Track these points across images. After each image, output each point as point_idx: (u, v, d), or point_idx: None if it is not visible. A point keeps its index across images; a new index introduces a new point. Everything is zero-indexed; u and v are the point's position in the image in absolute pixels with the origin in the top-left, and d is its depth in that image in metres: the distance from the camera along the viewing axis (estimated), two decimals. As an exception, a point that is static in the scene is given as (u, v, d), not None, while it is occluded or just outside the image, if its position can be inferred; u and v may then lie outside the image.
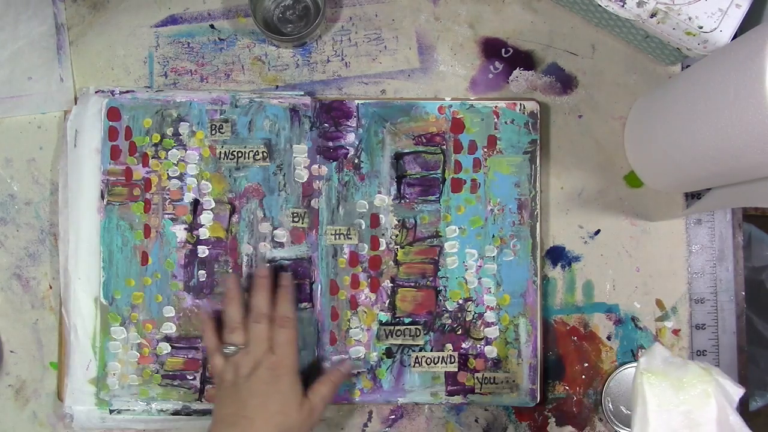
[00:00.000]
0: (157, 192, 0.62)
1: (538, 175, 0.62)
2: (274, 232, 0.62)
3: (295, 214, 0.62)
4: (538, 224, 0.62)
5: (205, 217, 0.62)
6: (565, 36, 0.65)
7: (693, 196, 0.64)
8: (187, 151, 0.62)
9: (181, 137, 0.62)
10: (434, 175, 0.62)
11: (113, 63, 0.65)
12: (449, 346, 0.61)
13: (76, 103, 0.63)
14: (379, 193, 0.62)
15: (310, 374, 0.60)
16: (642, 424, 0.44)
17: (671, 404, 0.44)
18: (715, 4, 0.54)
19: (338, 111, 0.63)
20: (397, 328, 0.62)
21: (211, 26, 0.65)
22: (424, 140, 0.63)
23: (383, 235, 0.62)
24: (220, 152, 0.62)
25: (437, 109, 0.63)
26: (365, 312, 0.62)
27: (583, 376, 0.63)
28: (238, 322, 0.57)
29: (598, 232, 0.64)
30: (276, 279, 0.60)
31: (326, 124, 0.63)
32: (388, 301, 0.62)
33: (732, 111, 0.44)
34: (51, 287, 0.63)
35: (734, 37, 0.55)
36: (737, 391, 0.44)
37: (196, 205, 0.62)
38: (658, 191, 0.63)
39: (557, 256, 0.63)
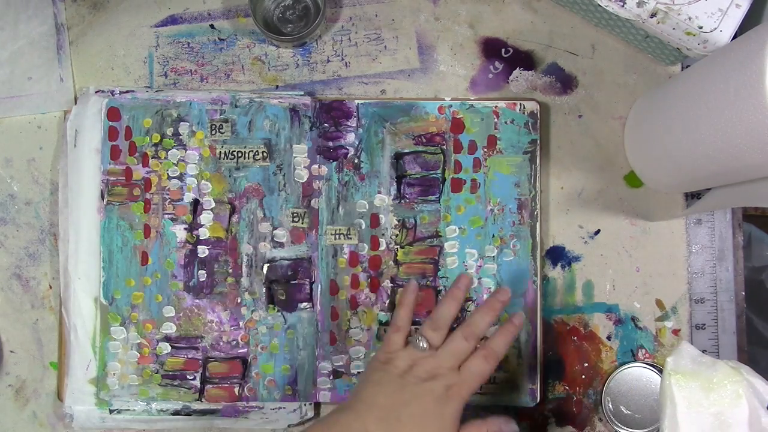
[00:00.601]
0: (157, 192, 0.62)
1: (538, 175, 0.62)
2: (274, 232, 0.62)
3: (295, 214, 0.62)
4: (538, 224, 0.62)
5: (205, 217, 0.62)
6: (565, 36, 0.65)
7: (693, 196, 0.64)
8: (187, 151, 0.62)
9: (181, 137, 0.62)
10: (434, 175, 0.63)
11: (113, 63, 0.65)
12: (449, 346, 0.61)
13: (76, 103, 0.63)
14: (379, 193, 0.62)
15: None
16: (671, 426, 0.43)
17: (701, 406, 0.43)
18: (715, 4, 0.54)
19: (338, 111, 0.63)
20: (397, 328, 0.62)
21: (211, 26, 0.65)
22: (424, 140, 0.63)
23: (383, 235, 0.62)
24: (220, 152, 0.62)
25: (437, 109, 0.63)
26: (365, 312, 0.62)
27: (583, 376, 0.63)
28: (445, 326, 0.53)
29: (598, 232, 0.64)
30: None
31: (326, 124, 0.63)
32: (388, 301, 0.62)
33: (732, 111, 0.44)
34: (51, 287, 0.63)
35: (734, 37, 0.55)
36: (766, 391, 0.43)
37: (196, 205, 0.62)
38: (658, 191, 0.63)
39: (557, 256, 0.63)
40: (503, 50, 0.65)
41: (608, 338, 0.63)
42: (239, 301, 0.62)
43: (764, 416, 0.42)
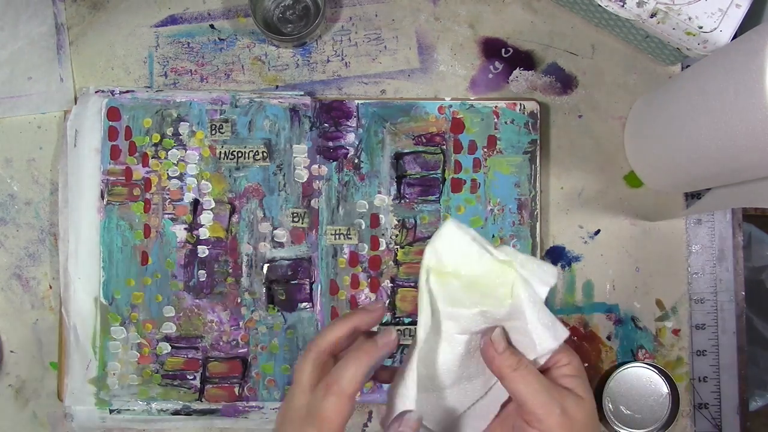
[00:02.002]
0: (157, 192, 0.62)
1: (538, 175, 0.62)
2: (274, 232, 0.62)
3: (295, 214, 0.62)
4: (538, 224, 0.62)
5: (205, 217, 0.62)
6: (565, 36, 0.65)
7: (693, 196, 0.64)
8: (187, 151, 0.62)
9: (181, 137, 0.62)
10: (434, 175, 0.62)
11: (113, 63, 0.65)
12: (449, 346, 0.61)
13: (76, 103, 0.63)
14: (379, 193, 0.62)
15: None
16: (427, 328, 0.37)
17: (463, 305, 0.36)
18: (715, 4, 0.54)
19: (338, 111, 0.63)
20: (397, 328, 0.62)
21: (211, 26, 0.65)
22: (424, 140, 0.63)
23: (383, 235, 0.62)
24: (220, 152, 0.62)
25: (437, 109, 0.63)
26: (365, 312, 0.62)
27: (583, 376, 0.63)
28: None
29: (598, 232, 0.64)
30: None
31: (326, 124, 0.63)
32: (388, 301, 0.62)
33: (732, 111, 0.44)
34: (51, 287, 0.63)
35: (734, 37, 0.55)
36: (547, 281, 0.37)
37: (196, 205, 0.62)
38: (658, 191, 0.63)
39: (557, 256, 0.63)
40: (503, 50, 0.65)
41: (608, 338, 0.63)
42: (239, 301, 0.62)
43: (531, 320, 0.35)
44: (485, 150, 0.63)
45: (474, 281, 0.36)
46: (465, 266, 0.37)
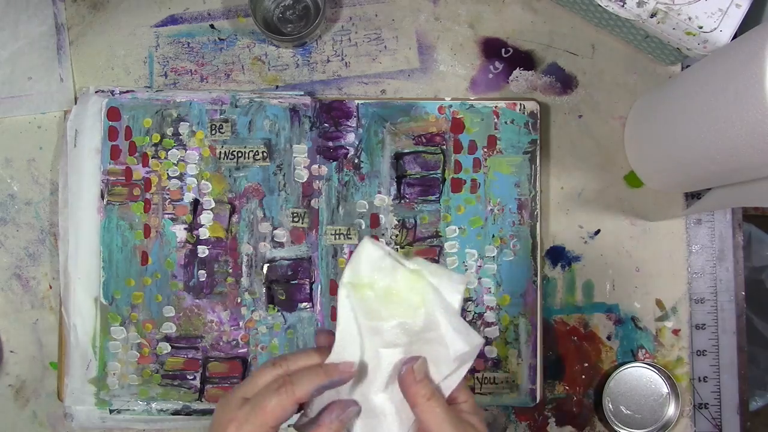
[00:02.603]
0: (157, 192, 0.62)
1: (538, 175, 0.62)
2: (274, 232, 0.62)
3: (295, 214, 0.62)
4: (538, 224, 0.62)
5: (205, 217, 0.62)
6: (565, 36, 0.65)
7: (693, 196, 0.64)
8: (187, 151, 0.62)
9: (181, 137, 0.62)
10: (434, 175, 0.62)
11: (113, 63, 0.65)
12: (449, 346, 0.61)
13: (76, 103, 0.63)
14: (379, 193, 0.62)
15: None
16: (343, 344, 0.38)
17: (381, 318, 0.38)
18: (715, 4, 0.54)
19: (338, 111, 0.63)
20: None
21: (211, 26, 0.65)
22: (424, 140, 0.63)
23: (383, 235, 0.62)
24: (220, 152, 0.62)
25: (437, 109, 0.63)
26: (365, 312, 0.62)
27: (583, 376, 0.63)
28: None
29: (598, 232, 0.64)
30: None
31: (326, 124, 0.63)
32: (388, 301, 0.62)
33: (732, 111, 0.44)
34: (51, 287, 0.63)
35: (734, 37, 0.55)
36: (457, 289, 0.38)
37: (196, 205, 0.62)
38: (658, 191, 0.63)
39: (557, 256, 0.63)
40: (503, 50, 0.65)
41: (608, 338, 0.63)
42: (239, 301, 0.62)
43: (443, 324, 0.37)
44: (485, 150, 0.63)
45: (388, 292, 0.38)
46: (379, 279, 0.38)
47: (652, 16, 0.55)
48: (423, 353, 0.39)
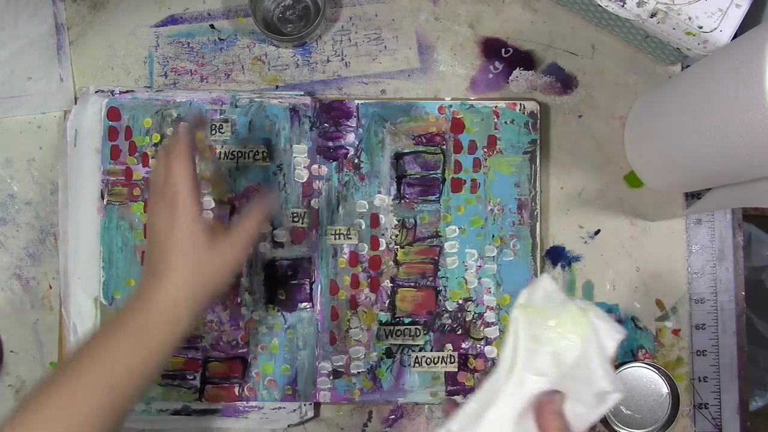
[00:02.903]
0: (157, 192, 0.62)
1: (538, 175, 0.62)
2: (274, 232, 0.62)
3: (295, 214, 0.62)
4: (538, 224, 0.62)
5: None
6: (565, 36, 0.65)
7: (693, 196, 0.64)
8: (187, 151, 0.62)
9: (181, 137, 0.62)
10: (434, 175, 0.62)
11: (113, 63, 0.65)
12: (449, 346, 0.61)
13: (76, 103, 0.63)
14: (379, 193, 0.62)
15: None
16: (510, 359, 0.41)
17: (540, 343, 0.41)
18: (715, 4, 0.54)
19: (338, 111, 0.63)
20: (397, 328, 0.62)
21: (211, 26, 0.65)
22: (424, 140, 0.63)
23: (383, 235, 0.62)
24: (220, 152, 0.62)
25: (437, 109, 0.63)
26: (365, 312, 0.62)
27: (583, 376, 0.63)
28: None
29: (598, 232, 0.64)
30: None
31: (326, 124, 0.63)
32: (388, 301, 0.62)
33: (732, 111, 0.44)
34: (51, 287, 0.63)
35: (734, 37, 0.55)
36: (614, 337, 0.41)
37: (196, 205, 0.62)
38: (658, 191, 0.63)
39: (557, 256, 0.63)
40: (503, 50, 0.65)
41: (608, 338, 0.63)
42: (239, 301, 0.62)
43: (594, 362, 0.40)
44: (485, 150, 0.63)
45: (554, 320, 0.41)
46: (549, 308, 0.42)
47: (652, 16, 0.55)
48: (566, 388, 0.41)
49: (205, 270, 0.47)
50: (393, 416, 0.62)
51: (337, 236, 0.62)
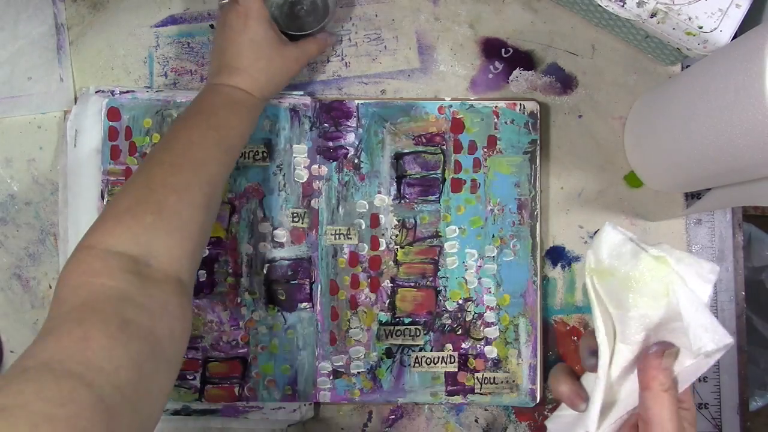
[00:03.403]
0: (157, 192, 0.62)
1: (538, 175, 0.62)
2: (274, 232, 0.62)
3: (295, 214, 0.62)
4: (538, 224, 0.62)
5: (205, 217, 0.62)
6: (565, 36, 0.65)
7: (693, 196, 0.64)
8: (187, 151, 0.62)
9: (181, 137, 0.62)
10: (434, 175, 0.63)
11: (113, 63, 0.65)
12: (449, 346, 0.61)
13: (76, 103, 0.63)
14: (379, 193, 0.62)
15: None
16: (603, 332, 0.37)
17: (623, 307, 0.36)
18: (715, 4, 0.54)
19: (338, 111, 0.63)
20: (397, 328, 0.62)
21: (211, 26, 0.65)
22: (424, 140, 0.63)
23: (383, 235, 0.62)
24: (220, 152, 0.62)
25: (437, 109, 0.63)
26: (365, 312, 0.62)
27: (583, 376, 0.63)
28: None
29: (597, 232, 0.64)
30: None
31: (326, 124, 0.63)
32: (388, 301, 0.62)
33: (732, 111, 0.44)
34: (51, 287, 0.63)
35: (734, 37, 0.55)
36: (707, 278, 0.35)
37: (196, 205, 0.62)
38: (658, 191, 0.63)
39: (557, 256, 0.63)
40: (503, 50, 0.65)
41: (608, 338, 0.63)
42: (239, 301, 0.62)
43: (689, 313, 0.34)
44: (485, 150, 0.63)
45: (629, 279, 0.36)
46: (620, 266, 0.36)
47: (652, 16, 0.55)
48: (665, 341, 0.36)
49: (275, 64, 0.56)
50: (393, 416, 0.63)
51: (337, 236, 0.62)
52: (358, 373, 0.61)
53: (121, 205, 0.46)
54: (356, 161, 0.62)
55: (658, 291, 0.35)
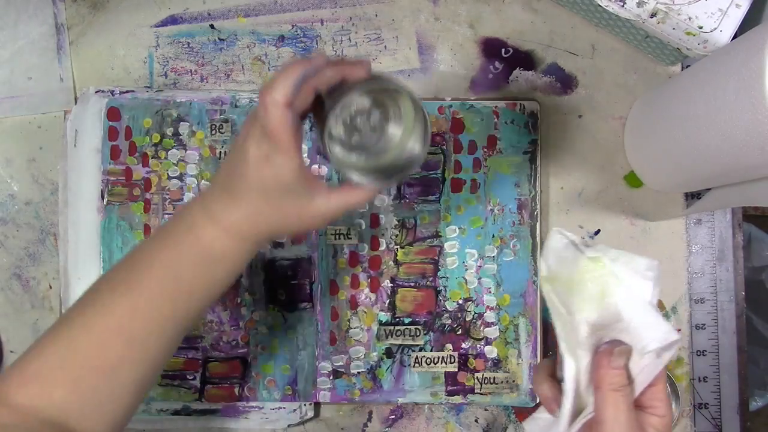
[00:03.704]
0: (157, 192, 0.62)
1: (538, 175, 0.62)
2: (274, 232, 0.62)
3: (295, 214, 0.62)
4: (538, 224, 0.62)
5: (205, 217, 0.62)
6: (565, 36, 0.65)
7: (693, 196, 0.64)
8: (187, 151, 0.62)
9: (181, 137, 0.62)
10: (434, 175, 0.62)
11: (113, 63, 0.65)
12: (449, 346, 0.61)
13: (76, 103, 0.63)
14: (379, 193, 0.62)
15: None
16: (564, 339, 0.36)
17: (572, 313, 0.35)
18: (715, 4, 0.54)
19: (338, 111, 0.63)
20: (397, 328, 0.62)
21: (211, 26, 0.65)
22: (424, 140, 0.63)
23: (383, 235, 0.62)
24: (220, 152, 0.62)
25: (437, 109, 0.63)
26: (365, 312, 0.62)
27: (583, 376, 0.63)
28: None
29: (598, 232, 0.64)
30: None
31: (326, 124, 0.63)
32: (388, 301, 0.62)
33: (732, 111, 0.44)
34: (51, 287, 0.63)
35: (734, 37, 0.55)
36: (645, 275, 0.34)
37: (196, 205, 0.62)
38: (658, 191, 0.63)
39: (557, 256, 0.63)
40: (503, 50, 0.65)
41: (608, 338, 0.63)
42: (239, 301, 0.62)
43: (629, 312, 0.33)
44: (485, 150, 0.63)
45: (572, 283, 0.35)
46: (563, 271, 0.36)
47: (652, 16, 0.55)
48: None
49: (288, 220, 0.42)
50: (393, 416, 0.63)
51: (337, 236, 0.62)
52: (358, 373, 0.61)
53: (32, 365, 0.40)
54: (356, 161, 0.62)
55: (596, 292, 0.34)
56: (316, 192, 0.42)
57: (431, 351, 0.61)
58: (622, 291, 0.34)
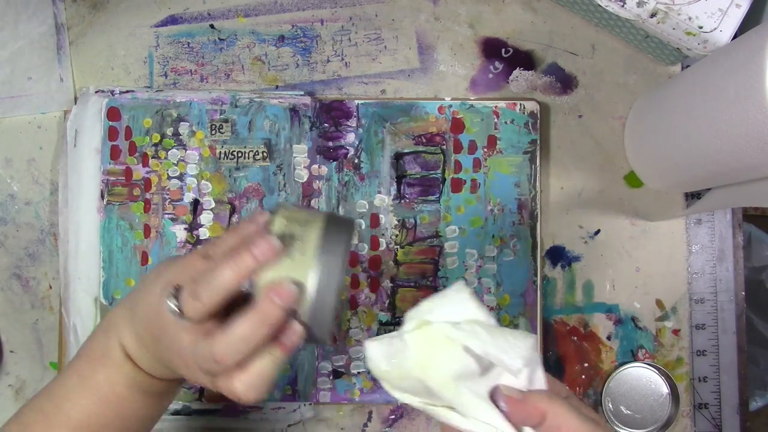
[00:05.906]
0: (157, 192, 0.62)
1: (538, 175, 0.62)
2: (274, 232, 0.62)
3: (295, 214, 0.62)
4: (538, 224, 0.62)
5: (205, 217, 0.62)
6: (565, 36, 0.65)
7: (693, 196, 0.64)
8: (187, 151, 0.62)
9: (181, 137, 0.62)
10: (434, 175, 0.62)
11: (113, 63, 0.65)
12: (449, 346, 0.61)
13: (76, 103, 0.63)
14: (379, 193, 0.62)
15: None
16: (461, 426, 0.35)
17: (443, 389, 0.34)
18: (715, 4, 0.54)
19: (338, 111, 0.63)
20: (397, 328, 0.62)
21: (211, 26, 0.65)
22: (424, 140, 0.63)
23: (383, 235, 0.62)
24: (220, 152, 0.62)
25: (437, 109, 0.63)
26: (365, 312, 0.62)
27: (583, 376, 0.63)
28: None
29: (598, 232, 0.64)
30: None
31: (326, 124, 0.63)
32: (388, 301, 0.62)
33: (732, 111, 0.44)
34: (51, 287, 0.63)
35: (734, 37, 0.55)
36: (464, 300, 0.35)
37: (196, 205, 0.62)
38: (658, 191, 0.63)
39: (557, 256, 0.63)
40: (503, 50, 0.65)
41: (608, 338, 0.63)
42: (239, 301, 0.62)
43: (481, 350, 0.33)
44: (485, 150, 0.63)
45: (420, 365, 0.35)
46: (404, 361, 0.36)
47: (652, 16, 0.55)
48: (499, 379, 0.35)
49: (167, 358, 0.41)
50: (393, 416, 0.63)
51: (337, 236, 0.62)
52: (358, 373, 0.61)
53: None
54: (356, 161, 0.62)
55: (443, 350, 0.34)
56: (212, 333, 0.38)
57: (431, 351, 0.61)
58: (459, 331, 0.34)
